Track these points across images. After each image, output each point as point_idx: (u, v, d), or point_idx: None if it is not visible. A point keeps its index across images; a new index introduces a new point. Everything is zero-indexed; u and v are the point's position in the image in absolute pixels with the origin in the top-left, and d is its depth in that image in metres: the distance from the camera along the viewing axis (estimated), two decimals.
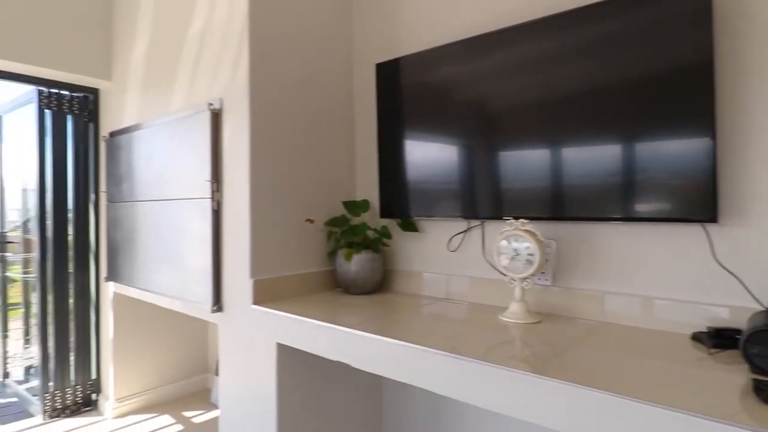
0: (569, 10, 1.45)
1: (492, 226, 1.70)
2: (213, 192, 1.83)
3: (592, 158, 1.41)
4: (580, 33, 1.42)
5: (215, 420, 2.61)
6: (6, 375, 3.08)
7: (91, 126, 2.76)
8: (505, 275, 1.47)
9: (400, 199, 1.91)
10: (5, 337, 3.07)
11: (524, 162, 1.55)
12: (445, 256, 1.83)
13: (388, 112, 1.94)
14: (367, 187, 2.10)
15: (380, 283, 1.93)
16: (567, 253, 1.52)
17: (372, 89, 2.06)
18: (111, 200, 2.56)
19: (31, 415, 2.76)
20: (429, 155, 1.83)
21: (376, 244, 1.90)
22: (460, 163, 1.73)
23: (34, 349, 3.00)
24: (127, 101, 2.52)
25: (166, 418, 2.62)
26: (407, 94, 1.89)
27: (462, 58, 1.70)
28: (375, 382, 2.00)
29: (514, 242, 1.43)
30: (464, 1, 1.77)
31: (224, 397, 1.84)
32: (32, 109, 2.64)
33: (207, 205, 1.84)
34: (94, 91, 2.75)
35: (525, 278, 1.42)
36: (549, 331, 1.33)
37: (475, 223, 1.75)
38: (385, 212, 1.96)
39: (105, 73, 2.63)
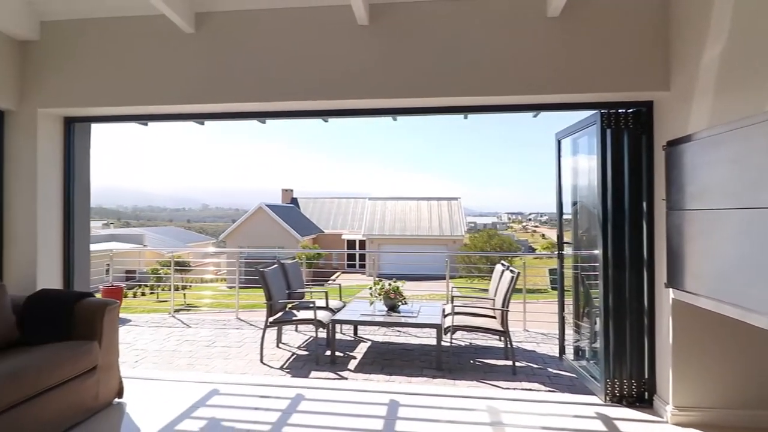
0: None
1: None
2: None
3: None
4: None
5: None
6: (563, 351, 3.78)
7: (644, 138, 2.92)
8: None
9: None
10: (563, 321, 3.78)
11: None
12: None
13: None
14: None
15: None
16: None
17: None
18: (673, 208, 2.59)
19: (587, 392, 3.23)
20: None
21: None
22: None
23: (572, 334, 3.53)
24: (692, 108, 2.48)
25: None
26: None
27: None
28: None
29: None
30: None
31: None
32: (594, 131, 3.10)
33: None
34: (647, 104, 2.90)
35: None
36: None
37: None
38: None
39: (663, 85, 2.70)
